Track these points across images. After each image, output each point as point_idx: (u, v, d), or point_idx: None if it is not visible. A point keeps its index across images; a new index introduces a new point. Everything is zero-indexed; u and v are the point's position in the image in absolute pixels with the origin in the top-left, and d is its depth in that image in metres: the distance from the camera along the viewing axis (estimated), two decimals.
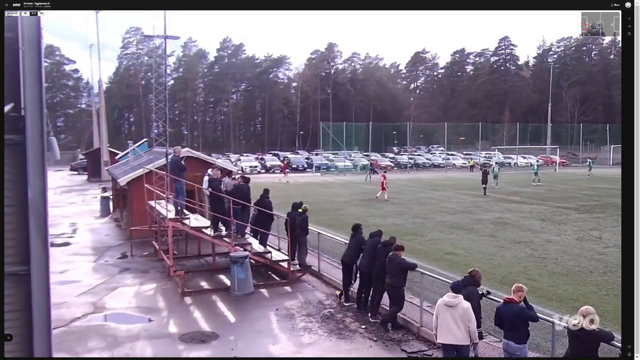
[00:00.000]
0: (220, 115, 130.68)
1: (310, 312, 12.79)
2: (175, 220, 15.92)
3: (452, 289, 8.56)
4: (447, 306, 8.46)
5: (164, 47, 22.62)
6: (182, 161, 17.09)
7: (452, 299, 8.42)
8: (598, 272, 15.32)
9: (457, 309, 8.34)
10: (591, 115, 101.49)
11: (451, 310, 8.40)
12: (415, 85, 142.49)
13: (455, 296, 8.43)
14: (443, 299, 8.59)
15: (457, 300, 8.38)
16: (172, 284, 15.31)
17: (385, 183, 34.40)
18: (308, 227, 16.37)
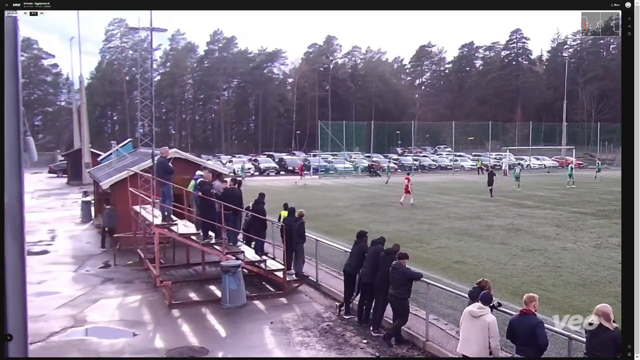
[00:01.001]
0: (210, 114, 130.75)
1: (307, 325, 12.78)
2: (162, 227, 15.89)
3: (480, 299, 8.56)
4: (471, 316, 8.47)
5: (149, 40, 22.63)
6: (170, 163, 17.05)
7: (478, 310, 8.43)
8: (617, 282, 15.30)
9: (480, 321, 8.35)
10: (609, 114, 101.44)
11: (474, 321, 8.42)
12: (420, 81, 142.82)
13: (482, 307, 8.44)
14: (469, 307, 8.61)
15: (482, 312, 8.39)
16: (158, 296, 15.27)
17: (410, 186, 34.38)
18: (305, 233, 16.36)
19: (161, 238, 16.24)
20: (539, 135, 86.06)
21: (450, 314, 12.21)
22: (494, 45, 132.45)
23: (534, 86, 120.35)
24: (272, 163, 69.41)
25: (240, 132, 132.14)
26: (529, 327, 7.89)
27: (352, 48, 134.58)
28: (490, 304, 8.59)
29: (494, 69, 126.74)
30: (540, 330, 7.85)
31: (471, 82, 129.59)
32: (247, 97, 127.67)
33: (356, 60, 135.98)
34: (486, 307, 8.45)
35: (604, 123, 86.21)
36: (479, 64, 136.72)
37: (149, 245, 18.22)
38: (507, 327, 8.33)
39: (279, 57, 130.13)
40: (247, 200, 17.38)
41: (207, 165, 21.56)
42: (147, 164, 20.77)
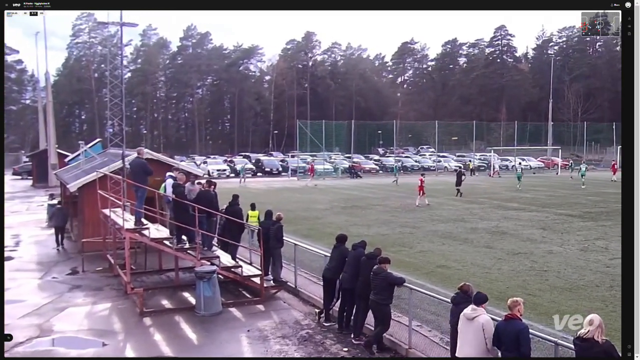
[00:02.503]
0: (183, 113, 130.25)
1: (286, 333, 12.75)
2: (132, 231, 15.78)
3: (474, 301, 8.59)
4: (466, 319, 8.51)
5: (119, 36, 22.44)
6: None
7: (471, 312, 8.47)
8: (604, 286, 15.51)
9: (475, 322, 8.38)
10: (596, 113, 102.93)
11: (469, 324, 8.46)
12: (402, 79, 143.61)
13: (475, 309, 8.47)
14: (464, 310, 8.66)
15: (475, 313, 8.42)
16: (129, 303, 15.15)
17: (424, 187, 34.62)
18: (283, 237, 16.34)
19: (132, 243, 16.12)
20: (524, 135, 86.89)
21: (433, 320, 12.26)
22: (478, 42, 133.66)
23: (519, 84, 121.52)
24: (249, 164, 69.12)
25: (215, 131, 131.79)
26: (513, 332, 7.94)
27: (332, 44, 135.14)
28: (484, 303, 8.62)
29: (478, 66, 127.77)
30: (523, 337, 7.90)
31: (455, 80, 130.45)
32: (222, 96, 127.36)
33: (336, 57, 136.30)
34: (480, 308, 8.49)
35: (590, 123, 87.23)
36: (462, 62, 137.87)
37: (119, 250, 18.08)
38: (491, 331, 8.38)
39: (255, 53, 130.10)
40: (221, 203, 17.29)
41: (179, 167, 21.43)
42: (118, 166, 20.60)
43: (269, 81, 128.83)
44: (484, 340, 8.34)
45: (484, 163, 74.90)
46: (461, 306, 9.04)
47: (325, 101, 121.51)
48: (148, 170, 16.55)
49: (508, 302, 8.18)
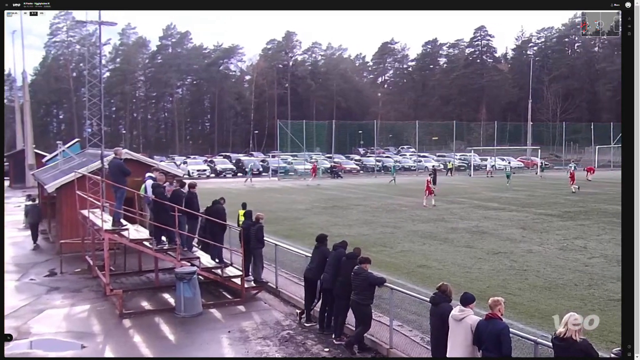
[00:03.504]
0: (163, 112, 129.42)
1: (267, 334, 12.75)
2: (112, 232, 15.67)
3: (460, 301, 8.62)
4: (454, 320, 8.54)
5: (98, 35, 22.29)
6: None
7: (459, 313, 8.49)
8: (583, 285, 15.68)
9: (463, 323, 8.40)
10: (574, 113, 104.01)
11: (457, 325, 8.49)
12: (383, 79, 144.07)
13: (463, 310, 8.49)
14: (452, 311, 8.70)
15: (463, 314, 8.44)
16: (108, 305, 15.06)
17: (432, 187, 34.69)
18: (264, 237, 16.32)
19: (111, 244, 16.01)
20: (504, 135, 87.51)
21: (414, 320, 12.32)
22: (458, 43, 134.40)
23: (498, 85, 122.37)
24: (229, 164, 68.95)
25: (195, 131, 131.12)
26: (494, 331, 7.99)
27: (312, 44, 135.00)
28: (472, 303, 8.65)
29: (458, 67, 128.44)
30: (504, 337, 7.95)
31: (435, 80, 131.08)
32: (202, 95, 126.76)
33: (316, 57, 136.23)
34: (467, 308, 8.52)
35: (568, 123, 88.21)
36: (442, 62, 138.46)
37: (98, 251, 17.96)
38: (474, 331, 8.43)
39: (235, 53, 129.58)
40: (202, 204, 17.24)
41: (158, 167, 21.32)
42: (96, 166, 20.45)
43: (249, 81, 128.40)
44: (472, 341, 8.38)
45: (464, 163, 75.31)
46: (440, 306, 9.09)
47: (305, 101, 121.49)
48: (125, 170, 16.43)
49: (489, 302, 8.23)
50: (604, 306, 13.42)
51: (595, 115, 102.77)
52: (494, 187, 46.84)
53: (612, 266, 17.65)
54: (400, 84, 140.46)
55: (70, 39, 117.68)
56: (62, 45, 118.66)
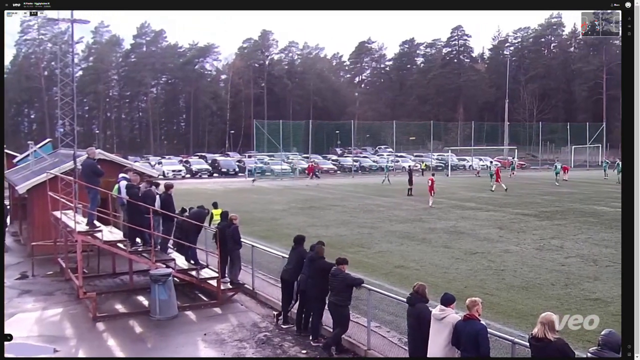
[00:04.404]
0: (137, 112, 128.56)
1: (243, 336, 12.71)
2: (85, 234, 15.52)
3: (441, 301, 8.66)
4: (435, 319, 8.58)
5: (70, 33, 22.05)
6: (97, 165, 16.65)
7: (439, 312, 8.53)
8: (560, 284, 15.85)
9: (444, 323, 8.44)
10: (550, 113, 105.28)
11: (438, 325, 8.53)
12: (360, 78, 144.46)
13: (443, 309, 8.53)
14: (433, 311, 8.73)
15: (443, 314, 8.49)
16: (81, 308, 14.92)
17: (434, 187, 34.82)
18: (241, 238, 16.26)
19: (84, 246, 15.85)
20: (481, 135, 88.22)
21: (392, 321, 12.37)
22: (435, 42, 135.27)
23: (475, 85, 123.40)
24: (205, 165, 68.63)
25: (170, 131, 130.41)
26: (472, 332, 8.04)
27: (289, 43, 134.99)
28: (452, 304, 8.70)
29: (435, 66, 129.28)
30: (482, 337, 8.01)
31: (412, 80, 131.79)
32: (177, 95, 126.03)
33: (293, 57, 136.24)
34: (448, 308, 8.57)
35: (545, 123, 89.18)
36: (420, 62, 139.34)
37: (70, 253, 17.75)
38: (452, 331, 8.48)
39: (211, 52, 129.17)
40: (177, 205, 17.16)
41: (132, 167, 21.15)
42: (69, 166, 20.23)
43: (225, 80, 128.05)
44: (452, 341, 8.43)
45: (441, 163, 75.71)
46: (416, 306, 9.13)
47: (282, 101, 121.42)
48: (98, 171, 16.27)
49: (466, 302, 8.28)
50: (581, 306, 13.58)
51: (571, 115, 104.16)
52: (472, 187, 47.20)
53: (588, 266, 17.88)
54: (377, 83, 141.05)
55: (42, 37, 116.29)
56: (33, 43, 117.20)
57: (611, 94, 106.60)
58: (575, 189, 44.42)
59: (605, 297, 14.39)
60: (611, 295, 14.42)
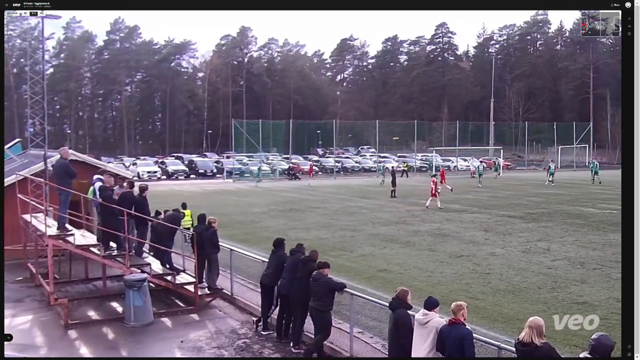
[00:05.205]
0: (111, 111, 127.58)
1: (221, 343, 12.67)
2: (56, 238, 15.38)
3: (424, 305, 8.69)
4: (418, 324, 8.61)
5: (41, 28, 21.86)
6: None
7: (422, 317, 8.57)
8: (546, 288, 15.98)
9: (427, 327, 8.47)
10: (537, 113, 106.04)
11: (421, 330, 8.56)
12: (342, 77, 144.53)
13: (426, 313, 8.56)
14: (416, 315, 8.75)
15: (427, 318, 8.52)
16: (52, 315, 14.79)
17: (437, 189, 34.76)
18: (219, 242, 16.20)
19: (56, 250, 15.72)
20: (466, 135, 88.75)
21: (375, 327, 12.39)
22: (419, 40, 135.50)
23: (460, 83, 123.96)
24: (181, 166, 68.38)
25: (145, 131, 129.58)
26: (458, 337, 8.08)
27: (269, 40, 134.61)
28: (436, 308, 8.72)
29: (419, 64, 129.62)
30: (468, 342, 8.06)
31: (395, 78, 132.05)
32: (152, 93, 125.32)
33: (273, 54, 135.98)
34: (431, 312, 8.60)
35: (531, 122, 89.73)
36: (403, 60, 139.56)
37: (41, 258, 17.60)
38: (437, 336, 8.52)
39: (188, 49, 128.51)
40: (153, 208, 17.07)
41: (106, 168, 21.02)
42: (39, 168, 20.06)
43: (202, 78, 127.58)
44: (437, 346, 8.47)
45: (425, 164, 75.96)
46: (397, 312, 9.14)
47: (262, 99, 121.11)
48: (71, 172, 16.12)
49: (452, 307, 8.32)
50: (567, 309, 13.69)
51: (558, 114, 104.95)
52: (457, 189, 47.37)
53: (575, 269, 18.04)
54: (359, 82, 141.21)
55: (11, 32, 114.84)
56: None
57: (598, 93, 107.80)
58: (562, 190, 44.81)
59: (592, 300, 14.53)
60: (598, 299, 14.58)
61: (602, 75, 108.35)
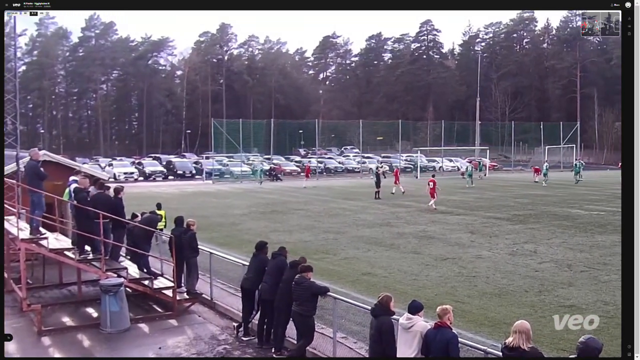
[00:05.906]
0: (86, 110, 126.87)
1: (201, 350, 12.63)
2: (29, 241, 15.25)
3: (408, 309, 8.70)
4: (402, 329, 8.63)
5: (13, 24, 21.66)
6: (41, 167, 16.37)
7: (406, 321, 8.59)
8: (533, 291, 16.08)
9: (411, 332, 8.50)
10: (523, 112, 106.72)
11: (405, 334, 8.59)
12: (324, 75, 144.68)
13: (410, 318, 8.58)
14: (400, 320, 8.76)
15: (410, 322, 8.54)
16: (25, 322, 14.65)
17: (436, 190, 34.92)
18: (198, 245, 16.14)
19: (28, 254, 15.58)
20: (451, 135, 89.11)
21: (359, 331, 12.39)
22: (403, 38, 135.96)
23: (445, 82, 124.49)
24: (159, 166, 68.06)
25: (121, 131, 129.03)
26: (443, 341, 8.11)
27: (249, 37, 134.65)
28: (420, 311, 8.75)
29: (403, 63, 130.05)
30: (453, 346, 8.09)
31: (379, 77, 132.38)
32: (129, 92, 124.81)
33: (254, 52, 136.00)
34: (415, 316, 8.62)
35: (518, 122, 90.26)
36: (387, 58, 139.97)
37: (13, 263, 17.44)
38: (422, 340, 8.54)
39: (165, 46, 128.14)
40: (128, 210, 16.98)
41: (81, 170, 20.85)
42: (11, 169, 19.85)
43: (180, 76, 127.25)
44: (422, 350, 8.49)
45: (410, 164, 76.09)
46: (378, 319, 9.13)
47: (242, 98, 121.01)
48: (41, 174, 15.99)
49: (437, 310, 8.35)
50: (555, 313, 13.74)
51: (545, 114, 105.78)
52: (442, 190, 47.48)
53: (562, 271, 18.17)
54: (342, 80, 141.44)
55: None
56: None
57: (585, 92, 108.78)
58: (549, 192, 45.14)
59: (580, 303, 14.64)
60: (586, 302, 14.70)
61: (589, 74, 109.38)
